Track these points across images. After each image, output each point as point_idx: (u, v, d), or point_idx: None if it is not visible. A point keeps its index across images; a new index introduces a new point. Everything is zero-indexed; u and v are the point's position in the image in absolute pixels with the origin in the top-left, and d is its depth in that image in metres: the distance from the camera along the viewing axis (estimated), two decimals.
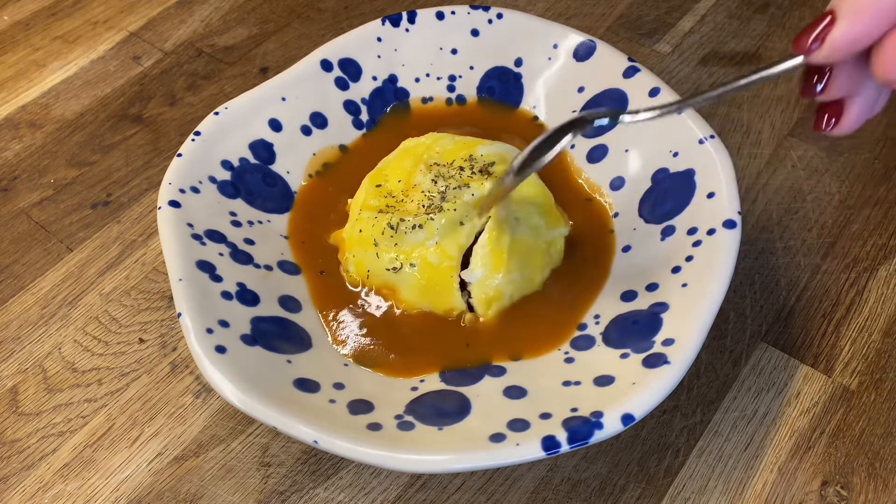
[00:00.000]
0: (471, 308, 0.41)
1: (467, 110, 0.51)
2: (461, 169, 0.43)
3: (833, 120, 0.30)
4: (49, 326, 0.45)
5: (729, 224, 0.38)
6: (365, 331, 0.41)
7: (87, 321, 0.46)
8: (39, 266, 0.48)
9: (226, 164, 0.45)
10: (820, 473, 0.38)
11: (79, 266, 0.48)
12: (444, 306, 0.41)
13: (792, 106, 0.54)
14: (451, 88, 0.51)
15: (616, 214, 0.45)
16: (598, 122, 0.34)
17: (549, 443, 0.32)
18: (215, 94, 0.58)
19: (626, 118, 0.34)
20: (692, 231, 0.40)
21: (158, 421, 0.41)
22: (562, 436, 0.32)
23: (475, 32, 0.51)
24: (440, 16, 0.50)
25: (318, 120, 0.49)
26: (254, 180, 0.46)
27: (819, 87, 0.29)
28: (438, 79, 0.51)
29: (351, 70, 0.50)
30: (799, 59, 0.28)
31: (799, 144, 0.52)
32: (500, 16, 0.50)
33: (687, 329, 0.35)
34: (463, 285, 0.41)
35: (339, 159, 0.49)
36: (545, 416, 0.34)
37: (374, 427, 0.34)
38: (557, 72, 0.49)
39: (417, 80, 0.51)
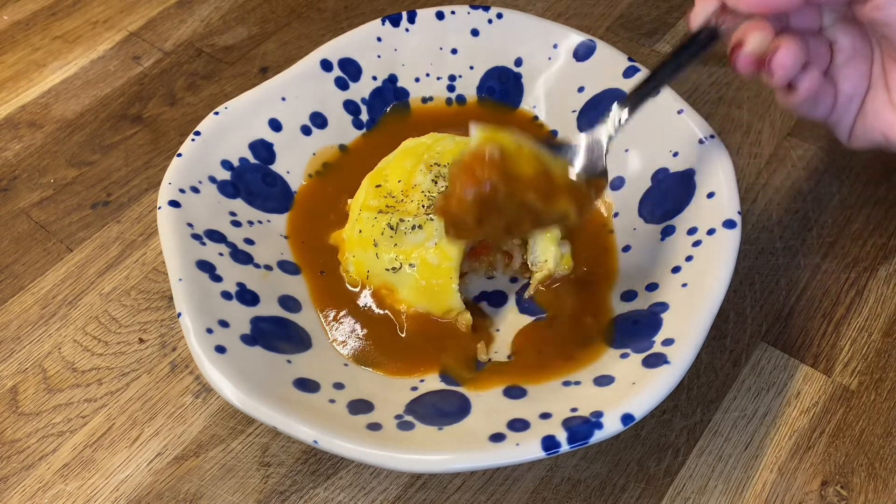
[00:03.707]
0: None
1: (467, 110, 0.51)
2: None
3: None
4: (49, 326, 0.45)
5: (729, 224, 0.38)
6: (365, 331, 0.41)
7: (87, 321, 0.46)
8: (39, 266, 0.48)
9: (226, 164, 0.45)
10: (820, 473, 0.38)
11: (79, 266, 0.48)
12: (443, 307, 0.41)
13: None
14: (451, 88, 0.51)
15: (616, 214, 0.45)
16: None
17: (549, 443, 0.32)
18: (215, 94, 0.58)
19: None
20: (692, 231, 0.40)
21: (158, 421, 0.41)
22: (562, 436, 0.32)
23: (475, 32, 0.51)
24: (440, 16, 0.50)
25: (318, 120, 0.49)
26: (254, 180, 0.46)
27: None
28: (438, 79, 0.51)
29: (351, 70, 0.50)
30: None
31: (799, 144, 0.52)
32: (500, 16, 0.50)
33: (687, 329, 0.35)
34: (463, 276, 0.41)
35: (339, 159, 0.49)
36: (545, 415, 0.34)
37: (374, 427, 0.34)
38: (557, 72, 0.49)
39: (417, 79, 0.51)
